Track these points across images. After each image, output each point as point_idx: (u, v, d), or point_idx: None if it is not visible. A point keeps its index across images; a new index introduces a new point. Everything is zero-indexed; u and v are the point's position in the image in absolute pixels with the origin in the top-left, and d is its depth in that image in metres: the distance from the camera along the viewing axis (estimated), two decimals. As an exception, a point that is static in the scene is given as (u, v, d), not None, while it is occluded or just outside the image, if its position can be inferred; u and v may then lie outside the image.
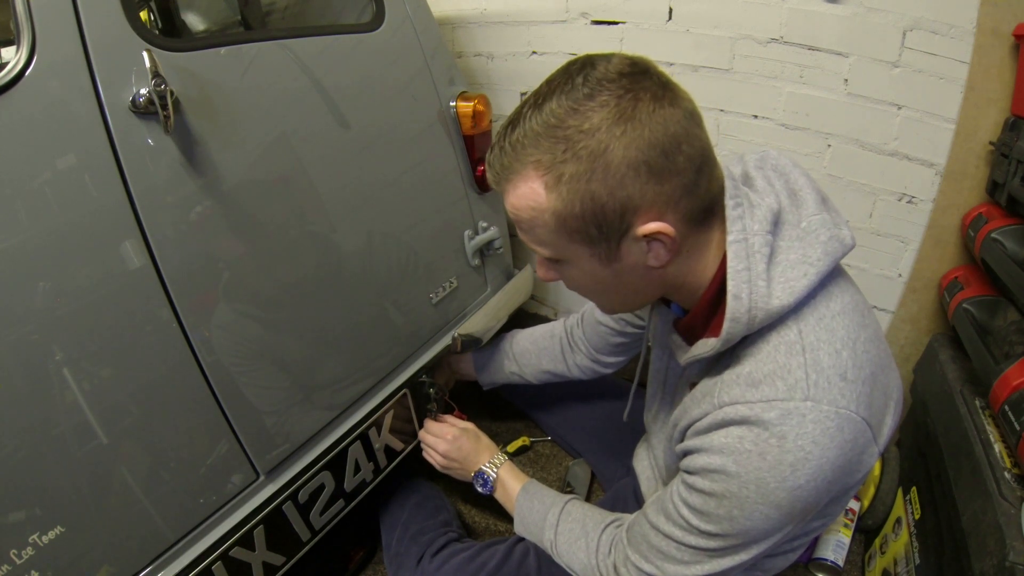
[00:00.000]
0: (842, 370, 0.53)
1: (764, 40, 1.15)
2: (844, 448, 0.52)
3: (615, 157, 0.50)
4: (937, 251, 1.16)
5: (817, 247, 0.55)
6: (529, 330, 1.16)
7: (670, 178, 0.51)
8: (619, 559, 0.71)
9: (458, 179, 1.15)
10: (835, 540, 1.11)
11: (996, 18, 0.97)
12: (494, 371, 1.18)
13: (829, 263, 0.55)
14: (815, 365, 0.53)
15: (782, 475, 0.52)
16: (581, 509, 0.83)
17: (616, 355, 1.05)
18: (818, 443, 0.52)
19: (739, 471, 0.54)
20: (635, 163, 0.50)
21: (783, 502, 0.53)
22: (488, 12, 1.47)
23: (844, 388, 0.53)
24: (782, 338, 0.54)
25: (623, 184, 0.51)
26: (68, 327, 0.61)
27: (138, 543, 0.69)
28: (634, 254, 0.56)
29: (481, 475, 0.95)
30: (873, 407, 0.54)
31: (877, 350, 0.57)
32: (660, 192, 0.52)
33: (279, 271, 0.83)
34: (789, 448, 0.52)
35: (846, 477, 0.54)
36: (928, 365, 1.12)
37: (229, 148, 0.75)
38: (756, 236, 0.54)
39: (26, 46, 0.57)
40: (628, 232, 0.54)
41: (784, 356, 0.54)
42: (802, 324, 0.54)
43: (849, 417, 0.53)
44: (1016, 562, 0.65)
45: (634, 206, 0.52)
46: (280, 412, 0.84)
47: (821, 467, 0.52)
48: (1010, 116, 1.00)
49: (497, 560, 0.87)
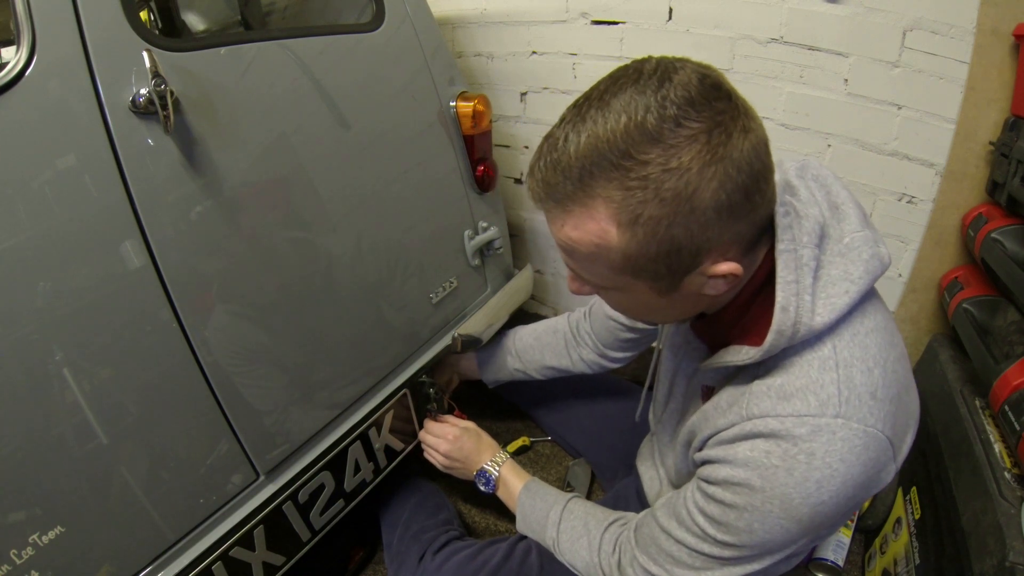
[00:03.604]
0: (873, 388, 0.53)
1: (764, 40, 1.15)
2: (868, 466, 0.52)
3: (702, 201, 0.45)
4: (937, 251, 1.16)
5: (859, 265, 0.53)
6: (531, 326, 1.15)
7: (747, 216, 0.49)
8: (625, 559, 0.70)
9: (458, 179, 1.15)
10: (835, 540, 1.11)
11: (996, 18, 0.97)
12: (497, 369, 1.17)
13: (869, 281, 0.54)
14: (848, 382, 0.52)
15: (807, 491, 0.52)
16: (583, 507, 0.83)
17: (624, 350, 1.04)
18: (845, 461, 0.51)
19: (764, 486, 0.53)
20: (721, 206, 0.46)
21: (804, 517, 0.53)
22: (488, 12, 1.47)
23: (873, 407, 0.52)
24: (816, 353, 0.53)
25: (705, 227, 0.47)
26: (68, 327, 0.61)
27: (138, 543, 0.69)
28: (695, 285, 0.53)
29: (483, 474, 0.95)
30: (897, 427, 0.54)
31: (904, 370, 0.56)
32: (736, 232, 0.49)
33: (279, 271, 0.83)
34: (817, 465, 0.51)
35: (864, 493, 0.54)
36: (928, 365, 1.12)
37: (229, 148, 0.75)
38: (805, 249, 0.52)
39: (26, 46, 0.57)
40: (696, 269, 0.51)
41: (817, 371, 0.53)
42: (836, 340, 0.53)
43: (875, 436, 0.52)
44: (1016, 562, 0.65)
45: (709, 247, 0.48)
46: (280, 412, 0.84)
47: (845, 484, 0.52)
48: (1010, 116, 1.00)
49: (499, 558, 0.86)
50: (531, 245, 1.72)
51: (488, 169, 1.19)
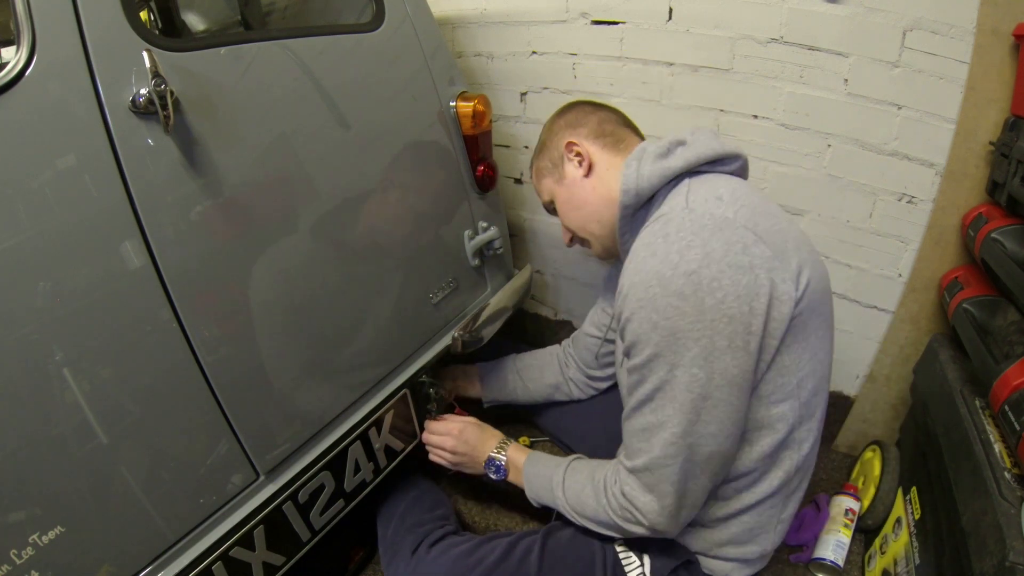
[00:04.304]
0: (717, 194, 0.66)
1: (764, 40, 1.15)
2: (728, 245, 0.61)
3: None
4: (937, 251, 1.16)
5: (695, 148, 0.75)
6: (531, 351, 1.28)
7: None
8: (621, 478, 0.75)
9: (458, 179, 1.15)
10: (835, 540, 1.11)
11: (996, 18, 0.97)
12: (499, 388, 1.24)
13: (700, 153, 0.74)
14: (693, 194, 0.68)
15: (672, 261, 0.61)
16: (586, 463, 0.86)
17: (605, 367, 1.13)
18: (698, 234, 0.62)
19: (639, 279, 0.64)
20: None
21: (686, 290, 0.61)
22: (488, 12, 1.47)
23: (719, 203, 0.65)
24: (670, 202, 0.72)
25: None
26: (68, 327, 0.61)
27: (138, 543, 0.69)
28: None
29: (492, 462, 0.96)
30: (761, 228, 0.64)
31: (767, 203, 0.70)
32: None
33: (279, 271, 0.83)
34: (673, 239, 0.63)
35: (745, 280, 0.61)
36: (928, 365, 1.12)
37: (229, 148, 0.75)
38: (647, 147, 0.80)
39: (26, 46, 0.57)
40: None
41: (667, 204, 0.70)
42: (690, 185, 0.72)
43: (726, 219, 0.63)
44: (1016, 562, 0.65)
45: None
46: (280, 412, 0.84)
47: (708, 256, 0.61)
48: (1010, 116, 1.00)
49: (497, 556, 0.86)
50: (531, 245, 1.72)
51: (488, 169, 1.19)
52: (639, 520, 0.73)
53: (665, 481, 0.69)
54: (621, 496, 0.74)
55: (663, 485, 0.69)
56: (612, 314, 1.08)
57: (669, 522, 0.71)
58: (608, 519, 0.77)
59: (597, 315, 1.13)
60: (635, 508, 0.72)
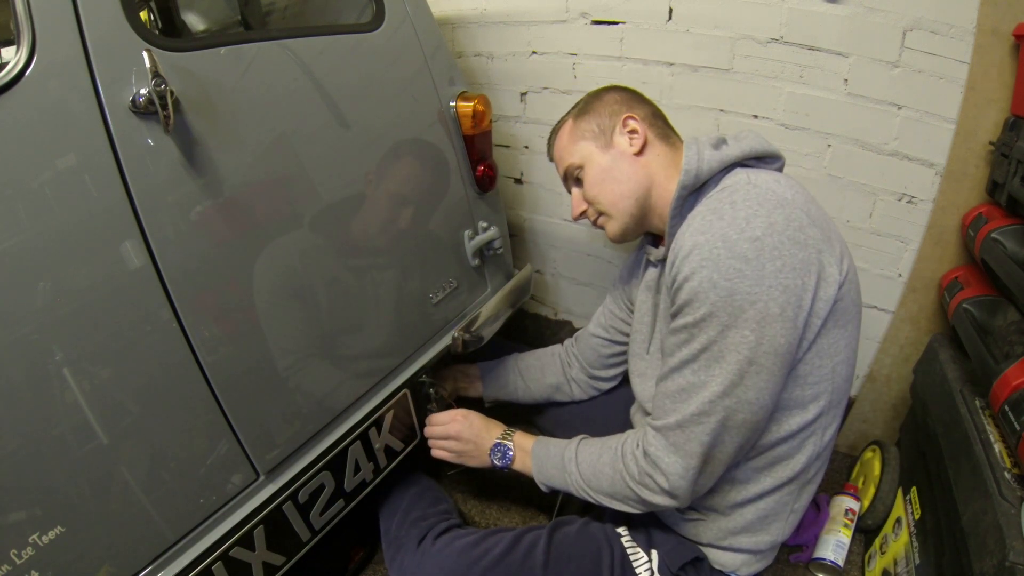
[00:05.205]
0: (775, 178, 0.71)
1: (764, 40, 1.15)
2: (789, 221, 0.65)
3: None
4: (937, 251, 1.16)
5: (745, 141, 0.79)
6: (532, 351, 1.26)
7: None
8: (646, 439, 0.75)
9: (458, 179, 1.15)
10: (835, 540, 1.11)
11: (996, 18, 0.97)
12: (500, 386, 1.23)
13: (753, 146, 0.78)
14: (754, 176, 0.72)
15: (740, 226, 0.64)
16: (597, 439, 0.86)
17: (609, 368, 1.13)
18: (763, 204, 0.66)
19: (703, 239, 0.65)
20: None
21: (749, 253, 0.63)
22: (488, 12, 1.47)
23: (776, 186, 0.69)
24: (729, 180, 0.74)
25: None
26: (68, 327, 0.61)
27: (138, 543, 0.69)
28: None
29: (499, 447, 0.95)
30: (811, 212, 0.68)
31: (815, 203, 0.72)
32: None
33: (279, 271, 0.83)
34: (740, 206, 0.66)
35: (802, 255, 0.64)
36: (928, 365, 1.12)
37: (229, 148, 0.75)
38: (703, 140, 0.82)
39: (26, 46, 0.57)
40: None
41: (730, 179, 0.74)
42: (749, 171, 0.75)
43: (787, 199, 0.67)
44: (1016, 562, 0.65)
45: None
46: (280, 412, 0.84)
47: (772, 226, 0.64)
48: (1010, 116, 1.00)
49: (502, 548, 0.85)
50: (531, 245, 1.72)
51: (488, 169, 1.19)
52: (658, 483, 0.72)
53: (694, 441, 0.69)
54: (643, 457, 0.74)
55: (691, 445, 0.69)
56: (625, 306, 1.07)
57: (688, 487, 0.71)
58: (623, 485, 0.77)
59: (604, 316, 1.12)
60: (657, 469, 0.72)
